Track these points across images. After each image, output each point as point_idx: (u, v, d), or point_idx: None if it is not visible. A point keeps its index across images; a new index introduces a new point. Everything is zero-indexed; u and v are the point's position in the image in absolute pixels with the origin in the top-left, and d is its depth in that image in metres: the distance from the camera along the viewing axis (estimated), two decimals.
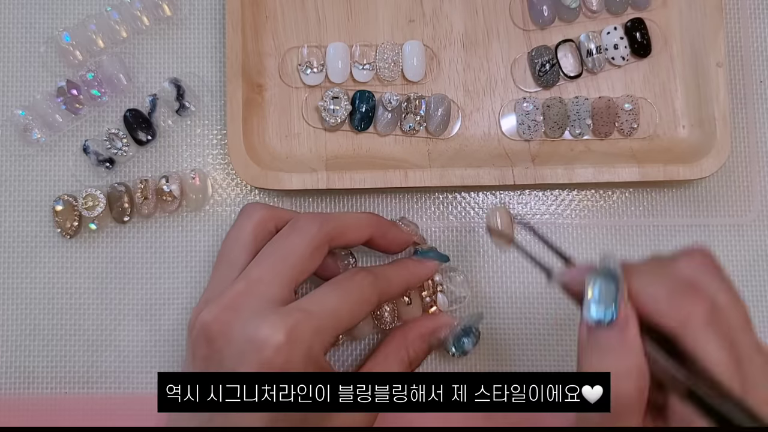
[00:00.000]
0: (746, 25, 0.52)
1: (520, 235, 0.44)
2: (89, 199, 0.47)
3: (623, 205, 0.50)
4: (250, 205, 0.43)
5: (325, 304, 0.38)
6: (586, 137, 0.50)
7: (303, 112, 0.50)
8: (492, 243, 0.48)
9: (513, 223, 0.42)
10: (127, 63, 0.49)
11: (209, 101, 0.50)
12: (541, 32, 0.51)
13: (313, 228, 0.40)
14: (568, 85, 0.50)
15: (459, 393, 0.35)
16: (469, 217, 0.50)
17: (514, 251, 0.46)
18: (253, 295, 0.37)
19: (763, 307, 0.49)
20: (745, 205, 0.50)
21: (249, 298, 0.37)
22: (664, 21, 0.51)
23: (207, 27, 0.51)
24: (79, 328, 0.48)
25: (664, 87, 0.50)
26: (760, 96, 0.51)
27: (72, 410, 0.47)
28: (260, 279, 0.38)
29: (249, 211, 0.42)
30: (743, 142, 0.51)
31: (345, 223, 0.42)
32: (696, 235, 0.50)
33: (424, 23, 0.51)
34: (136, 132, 0.49)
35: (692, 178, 0.47)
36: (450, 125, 0.50)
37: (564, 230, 0.50)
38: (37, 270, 0.48)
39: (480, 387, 0.35)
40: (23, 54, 0.50)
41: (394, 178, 0.47)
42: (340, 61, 0.49)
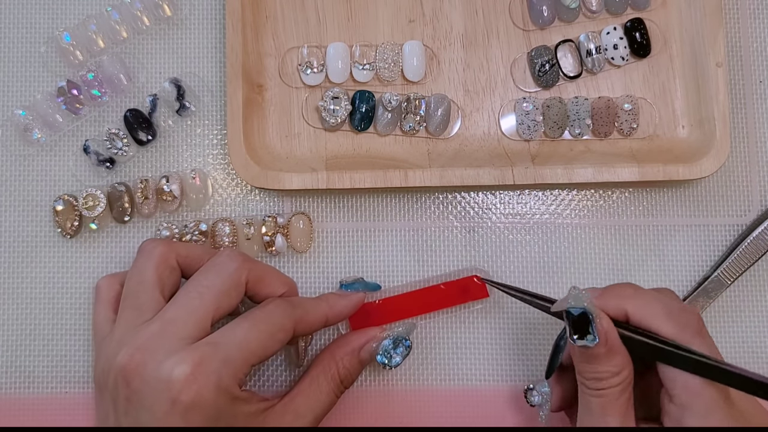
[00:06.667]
0: (746, 25, 0.52)
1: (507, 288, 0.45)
2: (89, 199, 0.47)
3: (623, 205, 0.50)
4: (148, 242, 0.43)
5: (234, 336, 0.38)
6: (586, 137, 0.50)
7: (303, 112, 0.50)
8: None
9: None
10: (127, 63, 0.50)
11: (209, 101, 0.50)
12: (541, 32, 0.51)
13: (232, 265, 0.41)
14: (568, 85, 0.50)
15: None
16: (469, 217, 0.50)
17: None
18: (166, 335, 0.38)
19: (762, 307, 0.49)
20: (745, 205, 0.50)
21: (162, 339, 0.37)
22: (664, 21, 0.51)
23: (207, 27, 0.51)
24: (79, 328, 0.48)
25: (664, 87, 0.50)
26: (759, 96, 0.51)
27: (72, 410, 0.47)
28: (175, 319, 0.38)
29: (148, 249, 0.42)
30: (743, 142, 0.51)
31: (265, 269, 0.43)
32: (696, 235, 0.50)
33: (424, 23, 0.51)
34: (136, 132, 0.49)
35: (692, 178, 0.47)
36: (450, 125, 0.50)
37: (564, 230, 0.50)
38: (37, 270, 0.48)
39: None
40: (24, 54, 0.50)
41: (394, 178, 0.47)
42: (340, 61, 0.49)
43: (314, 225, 0.49)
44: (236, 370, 0.37)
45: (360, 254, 0.49)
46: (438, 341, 0.48)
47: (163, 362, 0.36)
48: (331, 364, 0.43)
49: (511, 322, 0.49)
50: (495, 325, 0.49)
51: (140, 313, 0.40)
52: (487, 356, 0.48)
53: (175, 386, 0.36)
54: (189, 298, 0.39)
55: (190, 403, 0.36)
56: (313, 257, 0.49)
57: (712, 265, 0.49)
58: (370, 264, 0.49)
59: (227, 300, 0.40)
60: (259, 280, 0.42)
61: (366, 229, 0.49)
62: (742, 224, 0.50)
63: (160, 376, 0.36)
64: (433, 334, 0.48)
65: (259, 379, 0.48)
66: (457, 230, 0.49)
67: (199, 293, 0.39)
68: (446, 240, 0.49)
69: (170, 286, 0.42)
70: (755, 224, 0.49)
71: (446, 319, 0.48)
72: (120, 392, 0.37)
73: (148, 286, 0.40)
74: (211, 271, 0.41)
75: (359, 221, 0.49)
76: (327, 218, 0.50)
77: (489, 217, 0.50)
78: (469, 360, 0.48)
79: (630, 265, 0.49)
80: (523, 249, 0.49)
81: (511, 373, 0.48)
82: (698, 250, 0.50)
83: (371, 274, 0.49)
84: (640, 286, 0.40)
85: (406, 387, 0.48)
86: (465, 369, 0.48)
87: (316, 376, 0.42)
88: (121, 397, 0.37)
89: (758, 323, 0.49)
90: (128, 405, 0.37)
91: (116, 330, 0.40)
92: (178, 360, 0.36)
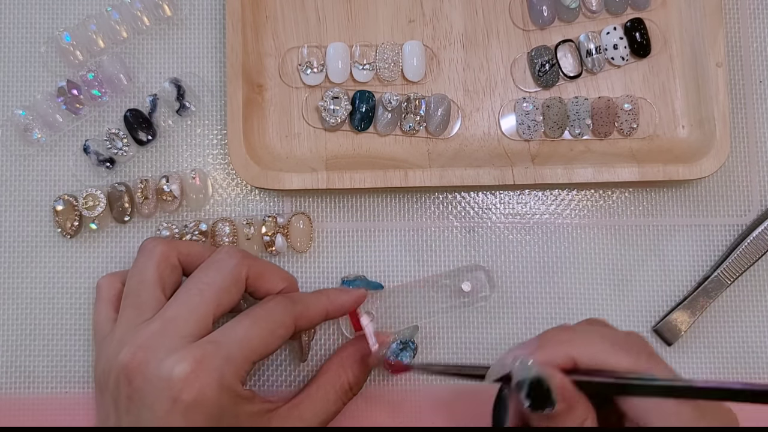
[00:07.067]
0: (746, 25, 0.52)
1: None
2: (89, 199, 0.47)
3: (623, 205, 0.50)
4: (149, 241, 0.43)
5: (235, 333, 0.38)
6: (586, 137, 0.50)
7: (303, 112, 0.50)
8: None
9: None
10: (127, 63, 0.50)
11: (209, 101, 0.50)
12: (541, 32, 0.51)
13: (231, 261, 0.41)
14: (568, 85, 0.50)
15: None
16: (469, 217, 0.50)
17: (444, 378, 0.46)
18: (167, 333, 0.38)
19: (762, 307, 0.49)
20: (745, 205, 0.50)
21: (163, 337, 0.37)
22: (664, 21, 0.51)
23: (207, 27, 0.51)
24: (79, 328, 0.48)
25: (664, 87, 0.50)
26: (759, 96, 0.51)
27: (72, 410, 0.47)
28: (176, 317, 0.38)
29: (149, 248, 0.42)
30: (743, 142, 0.51)
31: (264, 265, 0.43)
32: (696, 235, 0.50)
33: (424, 23, 0.51)
34: (136, 132, 0.49)
35: (692, 178, 0.47)
36: (450, 125, 0.50)
37: (564, 230, 0.50)
38: (37, 270, 0.48)
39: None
40: (24, 54, 0.50)
41: (394, 178, 0.47)
42: (340, 61, 0.49)
43: (314, 225, 0.49)
44: (238, 368, 0.37)
45: (360, 254, 0.49)
46: (438, 341, 0.48)
47: (164, 360, 0.36)
48: (340, 373, 0.42)
49: (511, 321, 0.49)
50: (495, 325, 0.49)
51: (141, 311, 0.40)
52: (487, 356, 0.48)
53: (176, 384, 0.36)
54: (189, 296, 0.39)
55: (192, 401, 0.36)
56: (313, 257, 0.49)
57: (712, 265, 0.49)
58: (370, 264, 0.49)
59: (228, 297, 0.40)
60: (259, 276, 0.42)
61: (366, 229, 0.49)
62: (742, 224, 0.50)
63: (161, 374, 0.36)
64: (434, 335, 0.48)
65: (259, 378, 0.48)
66: (457, 230, 0.49)
67: (199, 291, 0.39)
68: (446, 240, 0.49)
69: (171, 284, 0.42)
70: (755, 224, 0.49)
71: (447, 319, 0.48)
72: (121, 391, 0.37)
73: (149, 284, 0.41)
74: (211, 268, 0.41)
75: (359, 221, 0.49)
76: (327, 218, 0.50)
77: (489, 217, 0.50)
78: (469, 360, 0.48)
79: (630, 265, 0.49)
80: (523, 249, 0.49)
81: None
82: (698, 250, 0.50)
83: (371, 273, 0.49)
84: (566, 324, 0.39)
85: (406, 387, 0.48)
86: None
87: (323, 384, 0.42)
88: (122, 395, 0.37)
89: (758, 323, 0.49)
90: (129, 403, 0.37)
91: (117, 329, 0.40)
92: (179, 358, 0.36)
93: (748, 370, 0.48)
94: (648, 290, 0.49)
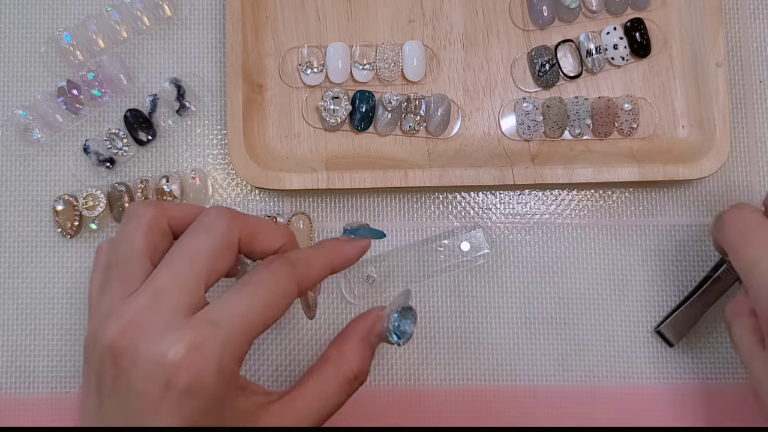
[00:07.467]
0: (746, 25, 0.52)
1: None
2: (90, 199, 0.47)
3: (623, 205, 0.50)
4: (137, 205, 0.38)
5: (234, 309, 0.34)
6: (586, 137, 0.50)
7: (303, 112, 0.50)
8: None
9: None
10: (127, 63, 0.50)
11: (209, 101, 0.50)
12: (541, 32, 0.51)
13: (222, 223, 0.36)
14: (568, 85, 0.50)
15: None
16: (469, 217, 0.50)
17: None
18: (157, 308, 0.34)
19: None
20: None
21: (153, 313, 0.34)
22: (664, 21, 0.51)
23: (207, 27, 0.51)
24: (79, 328, 0.48)
25: (664, 87, 0.50)
26: (759, 96, 0.51)
27: (72, 410, 0.47)
28: (165, 288, 0.34)
29: (137, 211, 0.37)
30: (743, 142, 0.51)
31: (257, 223, 0.38)
32: (696, 235, 0.50)
33: (424, 23, 0.51)
34: (136, 132, 0.49)
35: (692, 178, 0.47)
36: (450, 125, 0.50)
37: (564, 230, 0.50)
38: (37, 270, 0.48)
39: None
40: (24, 54, 0.50)
41: (394, 178, 0.47)
42: (340, 61, 0.49)
43: (314, 225, 0.49)
44: (236, 349, 0.34)
45: None
46: (438, 341, 0.48)
47: (156, 341, 0.33)
48: (340, 363, 0.39)
49: (511, 321, 0.49)
50: (495, 325, 0.49)
51: (128, 284, 0.36)
52: (487, 356, 0.48)
53: (170, 368, 0.32)
54: (179, 263, 0.35)
55: (187, 387, 0.32)
56: None
57: (712, 265, 0.49)
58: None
59: (220, 263, 0.36)
60: (252, 237, 0.38)
61: None
62: None
63: (153, 356, 0.32)
64: (434, 333, 0.48)
65: (254, 363, 0.48)
66: (457, 230, 0.49)
67: (189, 258, 0.35)
68: None
69: (161, 251, 0.37)
70: None
71: (447, 318, 0.48)
72: (107, 371, 0.33)
73: (137, 255, 0.36)
74: (200, 231, 0.37)
75: (359, 221, 0.49)
76: (327, 218, 0.50)
77: (489, 217, 0.50)
78: (469, 360, 0.48)
79: (630, 265, 0.49)
80: (523, 249, 0.49)
81: (512, 373, 0.48)
82: (698, 250, 0.50)
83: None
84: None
85: (406, 387, 0.48)
86: (465, 369, 0.48)
87: (324, 376, 0.38)
88: (107, 376, 0.33)
89: None
90: (114, 386, 0.33)
91: (103, 302, 0.36)
92: (174, 339, 0.32)
93: None
94: (648, 290, 0.49)
